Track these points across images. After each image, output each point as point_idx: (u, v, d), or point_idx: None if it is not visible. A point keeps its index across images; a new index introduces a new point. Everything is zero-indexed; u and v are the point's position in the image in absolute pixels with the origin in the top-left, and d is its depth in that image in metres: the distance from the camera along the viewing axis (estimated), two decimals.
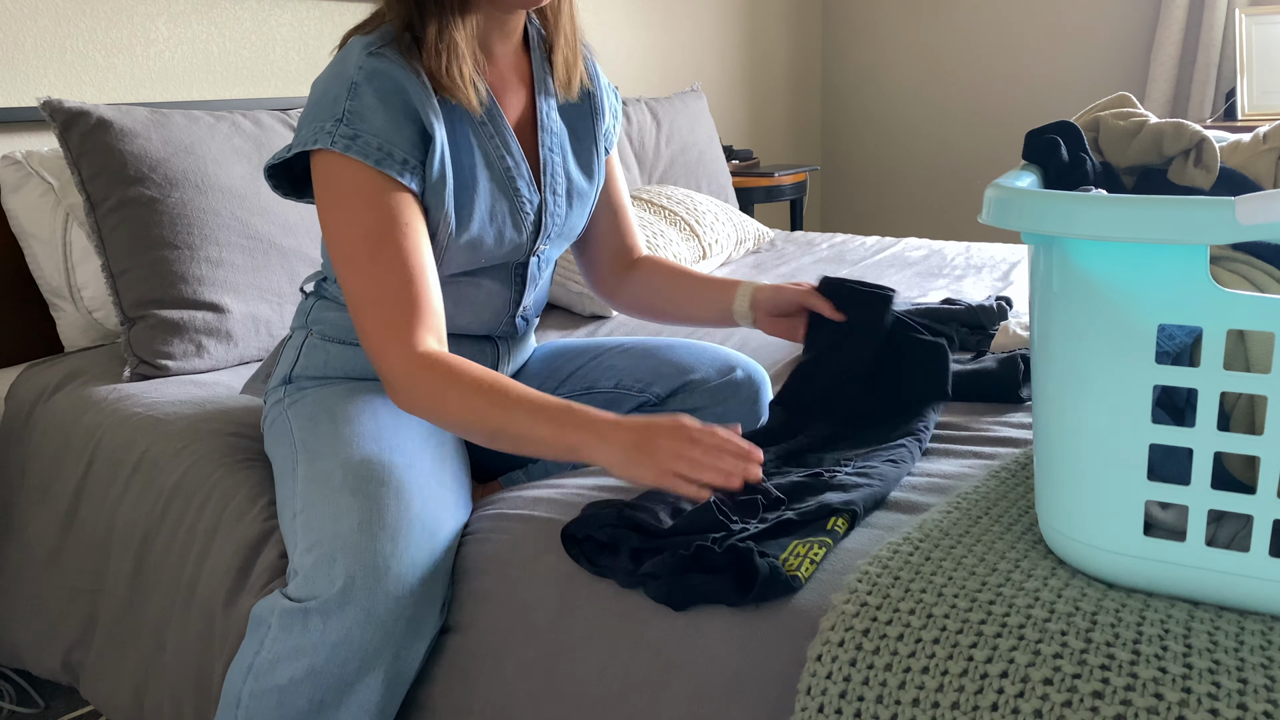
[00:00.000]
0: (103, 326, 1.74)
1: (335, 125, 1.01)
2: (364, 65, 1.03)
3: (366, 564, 0.94)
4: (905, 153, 4.01)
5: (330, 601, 0.93)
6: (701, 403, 1.26)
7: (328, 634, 0.93)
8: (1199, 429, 0.73)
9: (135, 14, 1.94)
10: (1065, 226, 0.71)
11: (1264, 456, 0.71)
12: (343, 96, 1.02)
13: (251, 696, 0.95)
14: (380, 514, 0.98)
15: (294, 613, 0.94)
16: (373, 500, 0.99)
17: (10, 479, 1.57)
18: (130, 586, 1.31)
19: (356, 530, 0.96)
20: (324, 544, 0.96)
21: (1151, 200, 0.68)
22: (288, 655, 0.94)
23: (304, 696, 0.94)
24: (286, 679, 0.94)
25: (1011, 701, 0.72)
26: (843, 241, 2.64)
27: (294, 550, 1.00)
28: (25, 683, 1.66)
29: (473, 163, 1.11)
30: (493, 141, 1.13)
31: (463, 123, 1.10)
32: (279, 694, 0.94)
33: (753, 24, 3.69)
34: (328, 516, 0.98)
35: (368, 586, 0.94)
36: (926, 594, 0.81)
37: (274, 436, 1.17)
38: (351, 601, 0.93)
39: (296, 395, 1.19)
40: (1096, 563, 0.80)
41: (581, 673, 0.92)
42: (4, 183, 1.69)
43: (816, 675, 0.78)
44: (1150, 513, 0.83)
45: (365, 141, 1.01)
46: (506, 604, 0.99)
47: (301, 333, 1.23)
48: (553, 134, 1.19)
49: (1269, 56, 2.98)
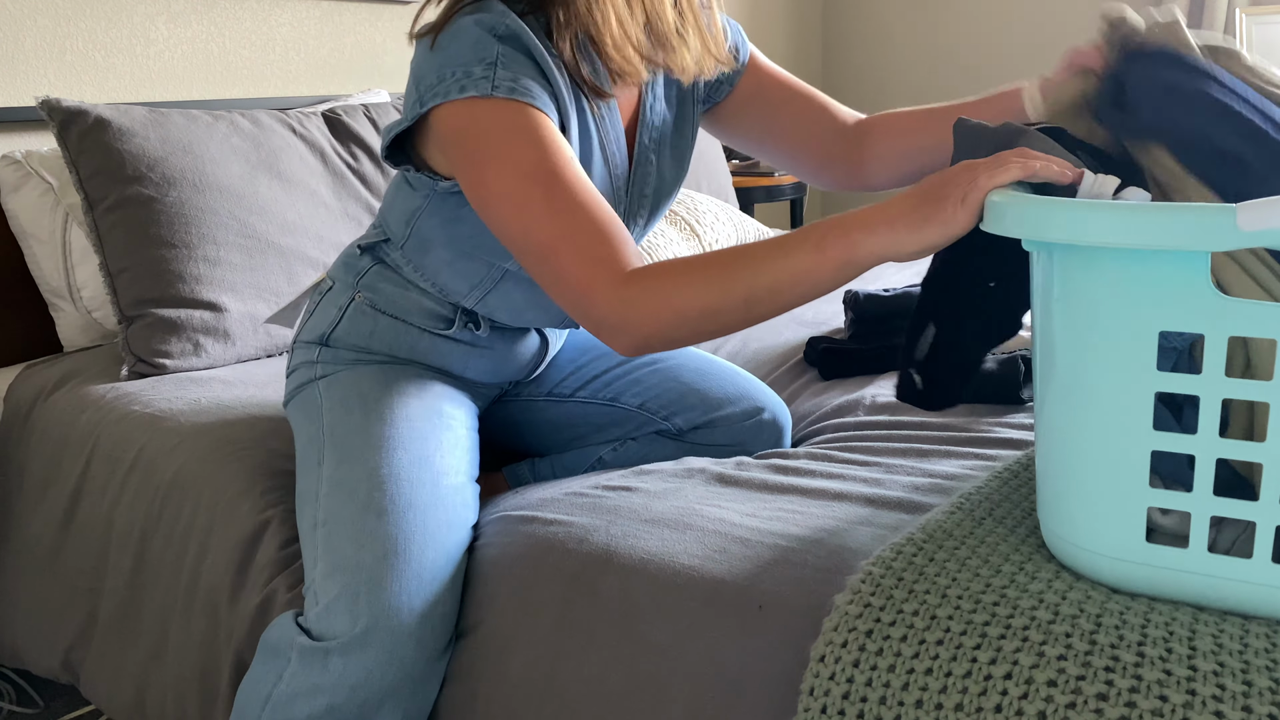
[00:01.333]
0: (102, 326, 1.74)
1: (488, 69, 0.91)
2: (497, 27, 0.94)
3: (389, 605, 0.93)
4: None
5: (352, 643, 0.92)
6: (724, 440, 1.26)
7: (347, 675, 0.92)
8: (1201, 436, 0.72)
9: (135, 14, 1.93)
10: (1066, 233, 0.71)
11: (1266, 464, 0.71)
12: (488, 44, 0.92)
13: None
14: (406, 545, 0.96)
15: (314, 652, 0.93)
16: (398, 527, 0.97)
17: (9, 478, 1.57)
18: (130, 584, 1.31)
19: (380, 563, 0.95)
20: (346, 573, 0.95)
21: (1152, 207, 0.68)
22: (306, 692, 0.93)
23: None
24: (305, 715, 0.93)
25: (1015, 703, 0.71)
26: None
27: (313, 566, 0.99)
28: (25, 683, 1.66)
29: (590, 153, 1.03)
30: (609, 135, 1.06)
31: (585, 112, 1.02)
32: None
33: (753, 24, 3.69)
34: (350, 539, 0.97)
35: (390, 629, 0.93)
36: (930, 595, 0.81)
37: (300, 405, 1.14)
38: (373, 644, 0.92)
39: (331, 366, 1.15)
40: (1099, 568, 0.80)
41: (585, 673, 0.92)
42: (3, 183, 1.68)
43: (819, 676, 0.78)
44: (1151, 517, 0.83)
45: (526, 85, 0.92)
46: (510, 605, 0.99)
47: (347, 292, 1.17)
48: (652, 129, 1.11)
49: (1269, 56, 2.98)
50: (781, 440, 1.28)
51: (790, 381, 1.53)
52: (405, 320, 1.16)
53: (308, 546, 1.02)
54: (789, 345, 1.69)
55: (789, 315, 1.87)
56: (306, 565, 1.01)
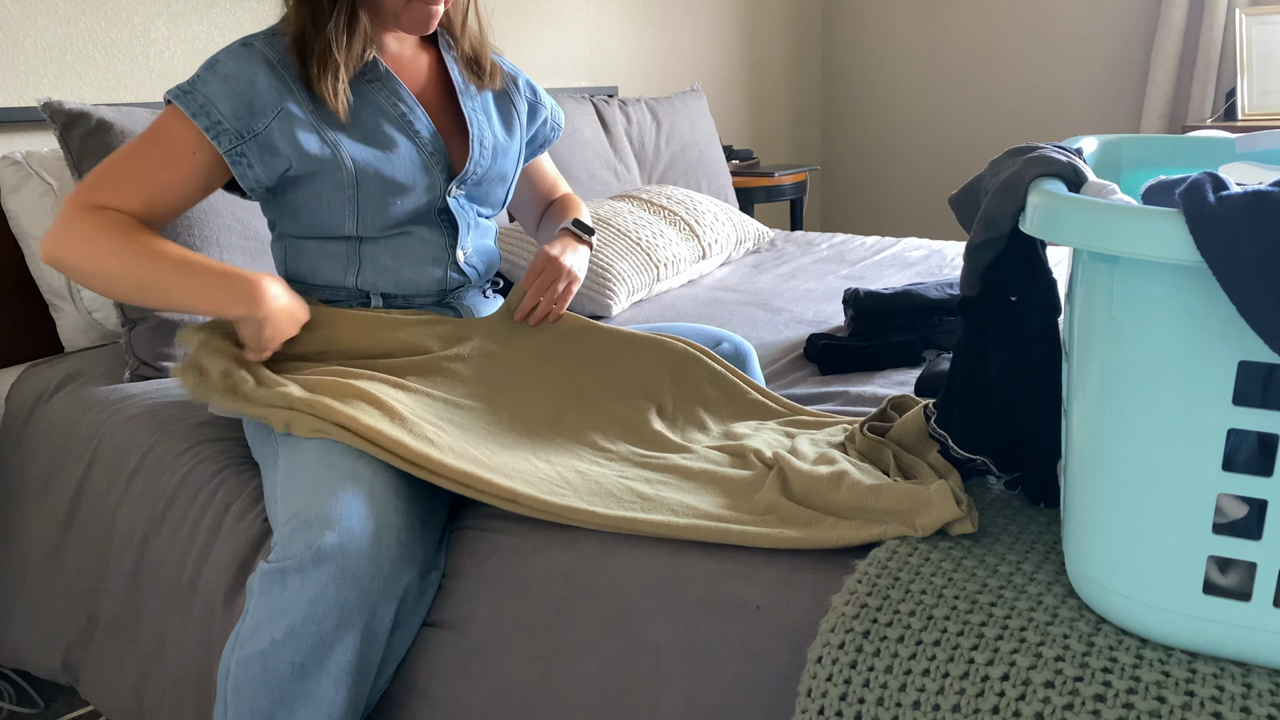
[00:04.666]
0: (102, 327, 1.74)
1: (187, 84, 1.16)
2: (233, 49, 1.17)
3: (341, 524, 0.96)
4: (905, 153, 4.00)
5: (306, 560, 0.95)
6: None
7: (305, 591, 0.95)
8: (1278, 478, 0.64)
9: (135, 14, 1.93)
10: (1135, 245, 0.61)
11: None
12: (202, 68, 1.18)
13: (238, 665, 0.97)
14: (355, 478, 1.01)
15: (272, 574, 0.96)
16: (347, 470, 1.01)
17: (10, 479, 1.57)
18: (130, 587, 1.31)
19: (330, 495, 0.98)
20: (301, 512, 0.98)
21: None
22: (268, 617, 0.96)
23: (285, 660, 0.96)
24: (268, 641, 0.95)
25: (1013, 704, 0.71)
26: (843, 241, 2.64)
27: (277, 527, 1.02)
28: (25, 683, 1.66)
29: (375, 119, 1.23)
30: (382, 94, 1.25)
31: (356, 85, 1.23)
32: (261, 659, 0.96)
33: (753, 24, 3.69)
34: (304, 489, 1.01)
35: (341, 543, 0.96)
36: (926, 595, 0.81)
37: (256, 432, 1.22)
38: (327, 558, 0.95)
39: None
40: (1142, 620, 0.73)
41: (581, 672, 0.92)
42: (4, 183, 1.68)
43: (817, 677, 0.78)
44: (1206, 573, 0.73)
45: (192, 96, 1.15)
46: (505, 602, 0.99)
47: None
48: (471, 96, 1.33)
49: (1269, 56, 2.98)
50: (747, 367, 1.41)
51: (789, 374, 1.53)
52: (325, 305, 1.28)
53: (274, 519, 1.05)
54: (789, 342, 1.69)
55: (789, 314, 1.87)
56: (275, 533, 1.03)
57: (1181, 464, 0.67)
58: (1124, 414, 0.69)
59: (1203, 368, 0.65)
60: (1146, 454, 0.69)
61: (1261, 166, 0.90)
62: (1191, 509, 0.68)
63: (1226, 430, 0.65)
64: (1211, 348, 0.64)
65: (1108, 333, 0.69)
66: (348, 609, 0.96)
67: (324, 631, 0.96)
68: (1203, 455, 0.66)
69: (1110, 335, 0.69)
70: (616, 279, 1.96)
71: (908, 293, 1.68)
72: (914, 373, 1.50)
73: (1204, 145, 1.03)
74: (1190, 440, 0.67)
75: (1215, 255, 0.59)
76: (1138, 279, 0.66)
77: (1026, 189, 0.77)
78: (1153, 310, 0.66)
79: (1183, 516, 0.68)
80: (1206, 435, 0.66)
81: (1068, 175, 0.78)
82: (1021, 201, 0.77)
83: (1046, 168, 0.78)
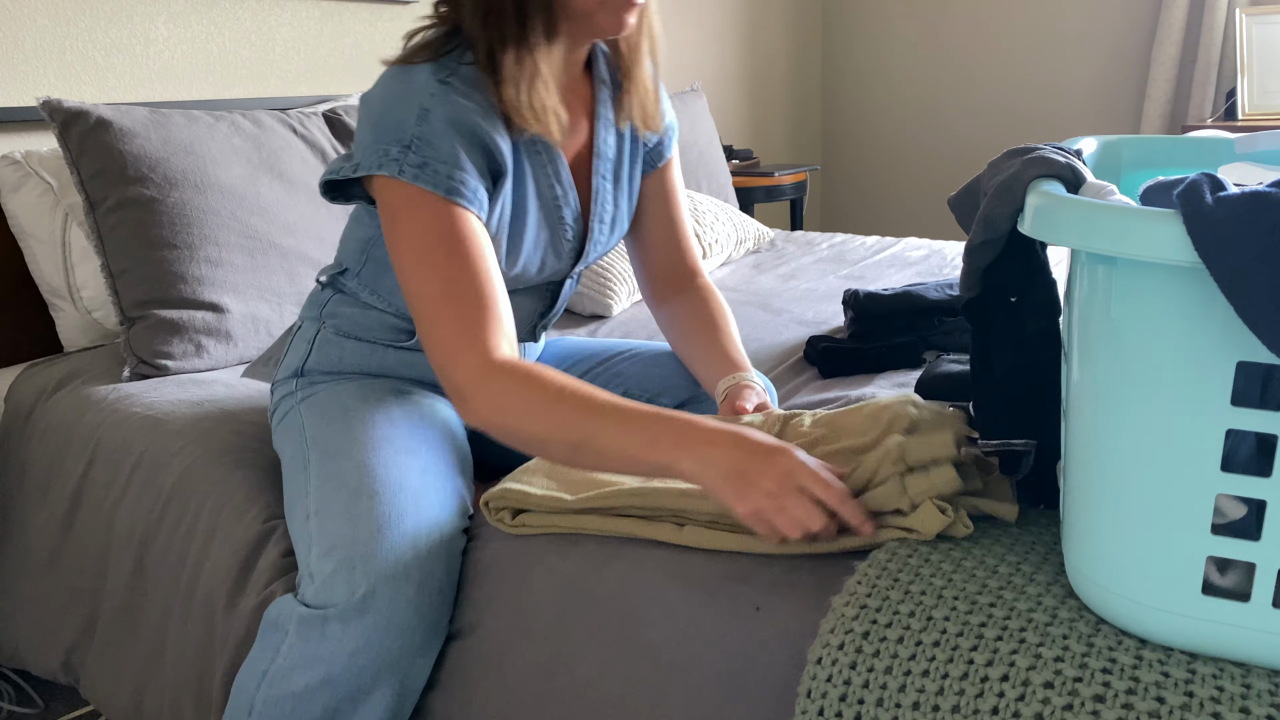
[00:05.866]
0: (102, 326, 1.74)
1: (403, 152, 0.98)
2: (435, 91, 1.00)
3: (387, 572, 0.94)
4: (905, 153, 4.00)
5: (350, 609, 0.93)
6: (709, 412, 1.27)
7: (346, 642, 0.93)
8: (1277, 479, 0.64)
9: (135, 14, 1.93)
10: (1133, 246, 0.61)
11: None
12: (409, 121, 0.99)
13: (265, 703, 0.95)
14: (399, 519, 0.97)
15: (312, 620, 0.93)
16: (391, 505, 0.98)
17: (10, 479, 1.57)
18: (130, 587, 1.31)
19: (375, 535, 0.95)
20: (341, 549, 0.95)
21: None
22: (305, 663, 0.93)
23: (319, 704, 0.94)
24: (302, 686, 0.93)
25: (1012, 705, 0.71)
26: (843, 241, 2.64)
27: (307, 553, 0.99)
28: (25, 683, 1.66)
29: (524, 193, 1.09)
30: (545, 170, 1.11)
31: (518, 150, 1.08)
32: (293, 701, 0.94)
33: (753, 24, 3.69)
34: (344, 519, 0.98)
35: (389, 594, 0.93)
36: (926, 596, 0.81)
37: (284, 431, 1.17)
38: (372, 610, 0.93)
39: (309, 390, 1.18)
40: (1141, 620, 0.73)
41: (582, 676, 0.92)
42: (3, 183, 1.68)
43: (816, 678, 0.78)
44: (1205, 574, 0.72)
45: (434, 170, 0.98)
46: (507, 608, 0.99)
47: (313, 325, 1.23)
48: (606, 161, 1.18)
49: (1269, 56, 2.98)
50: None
51: (790, 380, 1.53)
52: (370, 340, 1.20)
53: (300, 537, 1.02)
54: (789, 344, 1.69)
55: (789, 314, 1.87)
56: (300, 554, 1.01)
57: (1180, 464, 0.67)
58: (1122, 414, 0.69)
59: (1201, 368, 0.65)
60: (1145, 454, 0.69)
61: (1261, 167, 0.90)
62: (1190, 509, 0.68)
63: (1225, 431, 0.65)
64: (1210, 348, 0.64)
65: (1106, 333, 0.69)
66: (387, 660, 0.94)
67: (362, 681, 0.94)
68: (1201, 456, 0.66)
69: (1109, 336, 0.69)
70: (617, 279, 1.96)
71: (908, 293, 1.68)
72: (914, 374, 1.50)
73: (1204, 145, 1.03)
74: (1189, 441, 0.67)
75: (1213, 256, 0.59)
76: (1136, 280, 0.66)
77: (1025, 190, 0.77)
78: (1151, 311, 0.66)
79: (1181, 517, 0.68)
80: (1205, 436, 0.66)
81: (1066, 176, 0.78)
82: (1020, 202, 0.77)
83: (1045, 168, 0.78)
